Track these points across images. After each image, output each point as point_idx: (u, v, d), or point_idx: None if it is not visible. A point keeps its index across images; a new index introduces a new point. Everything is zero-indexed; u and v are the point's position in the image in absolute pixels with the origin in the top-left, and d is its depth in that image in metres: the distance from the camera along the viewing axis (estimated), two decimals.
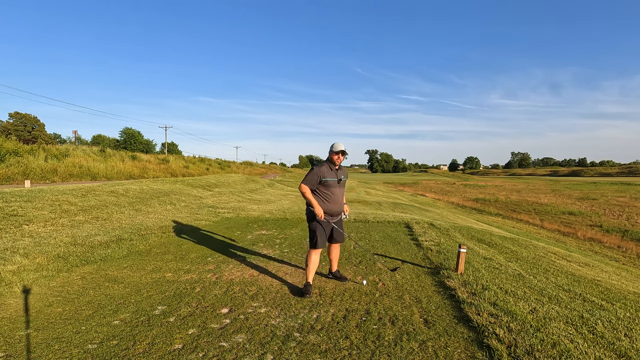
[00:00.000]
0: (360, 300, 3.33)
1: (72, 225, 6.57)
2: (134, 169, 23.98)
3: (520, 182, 62.46)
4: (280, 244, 5.75)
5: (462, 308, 3.10)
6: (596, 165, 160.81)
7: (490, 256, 5.35)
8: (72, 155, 21.12)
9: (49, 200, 7.87)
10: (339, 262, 4.68)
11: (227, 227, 7.27)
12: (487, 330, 2.64)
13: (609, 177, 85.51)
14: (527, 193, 39.34)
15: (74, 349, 2.41)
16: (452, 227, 8.16)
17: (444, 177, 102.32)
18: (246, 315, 2.97)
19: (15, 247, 4.85)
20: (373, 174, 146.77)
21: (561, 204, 28.88)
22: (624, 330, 2.87)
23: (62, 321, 2.84)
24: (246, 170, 53.59)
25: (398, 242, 5.99)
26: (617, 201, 29.76)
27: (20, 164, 15.96)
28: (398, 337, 2.60)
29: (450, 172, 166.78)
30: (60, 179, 17.13)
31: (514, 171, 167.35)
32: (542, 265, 5.52)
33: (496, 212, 26.90)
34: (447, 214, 17.82)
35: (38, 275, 3.96)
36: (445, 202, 33.50)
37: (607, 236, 17.34)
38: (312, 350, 2.41)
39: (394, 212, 12.25)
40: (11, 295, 3.39)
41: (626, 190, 38.45)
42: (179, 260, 4.73)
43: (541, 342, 2.47)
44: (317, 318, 2.92)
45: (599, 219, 22.06)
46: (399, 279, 3.96)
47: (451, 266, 4.31)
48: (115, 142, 50.42)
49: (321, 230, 3.52)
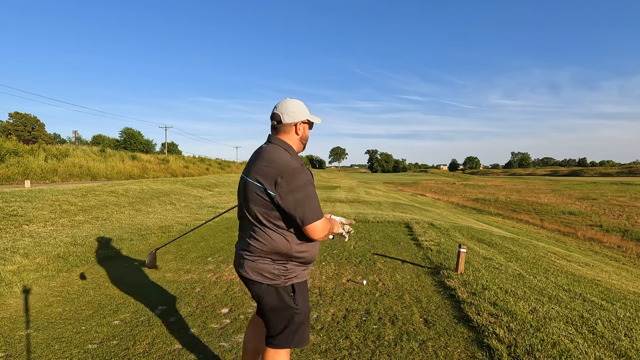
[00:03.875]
0: (360, 300, 3.33)
1: (72, 225, 6.57)
2: (134, 169, 23.97)
3: (520, 182, 62.46)
4: None
5: (462, 308, 3.10)
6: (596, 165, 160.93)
7: (490, 256, 5.35)
8: (72, 155, 21.11)
9: (49, 200, 7.87)
10: (339, 262, 4.67)
11: (227, 227, 7.27)
12: (487, 330, 2.64)
13: (609, 177, 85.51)
14: (527, 193, 39.34)
15: (74, 349, 2.41)
16: (452, 227, 8.17)
17: (444, 177, 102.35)
18: (246, 315, 2.97)
19: (15, 247, 4.85)
20: (373, 174, 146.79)
21: (561, 204, 28.87)
22: (624, 330, 2.87)
23: (62, 321, 2.84)
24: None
25: (398, 242, 5.99)
26: (617, 201, 29.75)
27: (20, 164, 15.96)
28: (398, 337, 2.60)
29: (450, 172, 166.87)
30: (60, 179, 17.12)
31: (514, 171, 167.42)
32: (542, 265, 5.52)
33: (496, 212, 26.89)
34: (447, 214, 17.82)
35: (38, 275, 3.95)
36: (445, 202, 33.49)
37: (607, 236, 17.33)
38: (312, 350, 2.41)
39: (394, 212, 12.25)
40: (11, 295, 3.39)
41: (626, 190, 38.44)
42: (179, 260, 4.73)
43: (541, 342, 2.47)
44: (317, 318, 2.93)
45: (599, 219, 22.05)
46: (399, 279, 3.96)
47: (451, 266, 4.31)
48: (115, 142, 50.43)
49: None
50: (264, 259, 1.53)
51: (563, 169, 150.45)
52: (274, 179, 1.44)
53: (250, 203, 1.51)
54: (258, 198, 1.49)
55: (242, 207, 1.60)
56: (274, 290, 1.55)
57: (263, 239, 1.52)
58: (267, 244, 1.51)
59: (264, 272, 1.54)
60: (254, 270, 1.54)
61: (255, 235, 1.53)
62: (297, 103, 1.62)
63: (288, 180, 1.43)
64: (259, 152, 1.57)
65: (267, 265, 1.53)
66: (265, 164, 1.49)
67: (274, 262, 1.54)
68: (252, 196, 1.50)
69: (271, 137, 1.61)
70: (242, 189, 1.59)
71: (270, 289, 1.55)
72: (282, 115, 1.58)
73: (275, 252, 1.52)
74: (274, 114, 1.60)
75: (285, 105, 1.59)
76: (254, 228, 1.54)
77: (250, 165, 1.56)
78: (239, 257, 1.62)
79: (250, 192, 1.51)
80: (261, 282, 1.54)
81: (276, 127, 1.60)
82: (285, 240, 1.52)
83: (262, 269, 1.54)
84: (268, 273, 1.54)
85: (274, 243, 1.51)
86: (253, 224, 1.53)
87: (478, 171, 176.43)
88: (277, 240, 1.50)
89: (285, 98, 1.63)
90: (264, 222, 1.50)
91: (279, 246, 1.51)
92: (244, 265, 1.57)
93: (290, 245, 1.53)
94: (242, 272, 1.58)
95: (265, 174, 1.46)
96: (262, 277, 1.54)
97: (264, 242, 1.51)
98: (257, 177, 1.48)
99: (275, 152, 1.53)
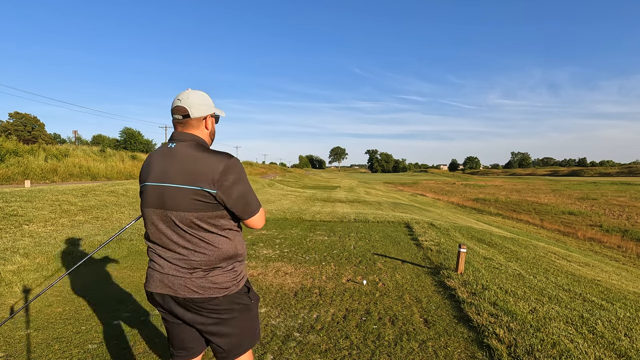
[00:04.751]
0: (360, 300, 3.33)
1: (72, 225, 6.57)
2: (134, 169, 23.98)
3: (520, 182, 62.47)
4: (280, 244, 5.75)
5: (462, 308, 3.10)
6: (596, 165, 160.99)
7: (490, 256, 5.36)
8: (72, 155, 21.13)
9: (49, 200, 7.87)
10: (339, 262, 4.67)
11: None
12: (487, 330, 2.64)
13: (609, 177, 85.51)
14: (527, 193, 39.34)
15: (74, 349, 2.41)
16: (452, 227, 8.17)
17: (444, 177, 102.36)
18: None
19: (15, 247, 4.85)
20: (373, 174, 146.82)
21: (561, 204, 28.88)
22: (624, 330, 2.87)
23: (62, 321, 2.84)
24: (246, 170, 53.33)
25: (398, 242, 5.99)
26: (617, 201, 29.76)
27: (20, 164, 15.96)
28: (398, 337, 2.60)
29: (450, 172, 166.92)
30: (60, 179, 17.13)
31: (514, 171, 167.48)
32: (542, 265, 5.52)
33: (496, 212, 26.90)
34: (447, 214, 17.82)
35: (38, 275, 3.95)
36: (445, 202, 33.50)
37: (607, 236, 17.33)
38: (312, 350, 2.41)
39: (394, 212, 12.25)
40: (11, 295, 3.39)
41: (626, 190, 38.44)
42: None
43: (541, 342, 2.47)
44: (317, 318, 2.93)
45: (599, 219, 22.05)
46: (399, 279, 3.97)
47: (451, 266, 4.31)
48: (115, 142, 50.46)
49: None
50: (214, 270, 1.35)
51: (563, 169, 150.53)
52: (211, 175, 1.28)
53: (182, 211, 1.30)
54: (194, 202, 1.29)
55: (164, 220, 1.34)
56: (229, 298, 1.38)
57: (206, 248, 1.33)
58: (213, 252, 1.34)
59: (216, 284, 1.35)
60: (203, 287, 1.33)
61: (195, 246, 1.33)
62: (204, 95, 1.44)
63: (225, 174, 1.29)
64: (173, 154, 1.35)
65: (219, 277, 1.35)
66: (191, 163, 1.30)
67: (224, 270, 1.37)
68: (184, 202, 1.30)
69: (179, 134, 1.39)
70: (161, 198, 1.33)
71: (225, 298, 1.37)
72: (190, 109, 1.39)
73: (223, 258, 1.36)
74: (179, 108, 1.38)
75: (192, 98, 1.40)
76: (191, 239, 1.32)
77: (165, 170, 1.34)
78: (172, 280, 1.35)
79: (180, 198, 1.30)
80: (214, 296, 1.34)
81: (181, 121, 1.40)
82: (229, 242, 1.38)
83: (213, 282, 1.34)
84: (222, 284, 1.36)
85: (220, 248, 1.35)
86: (189, 235, 1.32)
87: (478, 171, 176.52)
88: (222, 244, 1.36)
89: (187, 89, 1.44)
90: (206, 228, 1.32)
91: (226, 249, 1.36)
92: (186, 285, 1.33)
93: (235, 244, 1.40)
94: (183, 293, 1.33)
95: (197, 174, 1.28)
96: (216, 291, 1.35)
97: (209, 251, 1.33)
98: (188, 179, 1.29)
99: (194, 149, 1.35)
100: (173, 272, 1.35)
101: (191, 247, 1.33)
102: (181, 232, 1.33)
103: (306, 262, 4.67)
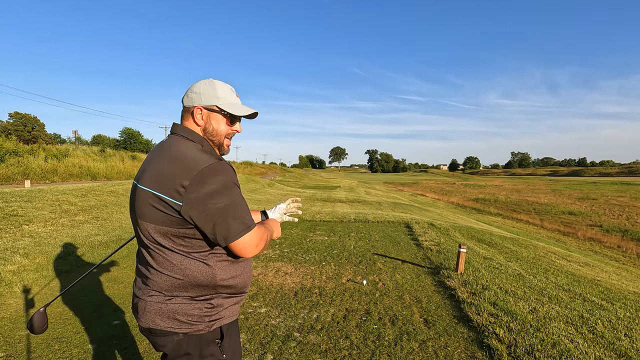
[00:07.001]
0: (360, 300, 3.33)
1: (72, 225, 6.57)
2: (134, 169, 23.97)
3: (520, 182, 62.45)
4: (280, 244, 5.75)
5: (462, 308, 3.10)
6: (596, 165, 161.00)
7: (490, 256, 5.36)
8: (72, 155, 21.13)
9: (49, 200, 7.87)
10: (339, 262, 4.68)
11: None
12: (487, 330, 2.64)
13: (609, 177, 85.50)
14: (527, 193, 39.34)
15: (74, 349, 2.41)
16: (452, 227, 8.17)
17: (444, 177, 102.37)
18: (246, 315, 2.97)
19: (15, 247, 4.85)
20: (373, 174, 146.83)
21: (561, 204, 28.87)
22: (624, 330, 2.87)
23: (62, 321, 2.84)
24: (246, 170, 53.59)
25: (398, 242, 5.99)
26: (617, 201, 29.75)
27: (20, 164, 15.96)
28: (398, 337, 2.60)
29: (450, 172, 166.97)
30: (60, 179, 17.13)
31: (514, 171, 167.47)
32: (542, 265, 5.52)
33: (496, 212, 26.89)
34: (447, 214, 17.81)
35: (38, 275, 3.95)
36: (445, 202, 33.49)
37: (607, 236, 17.33)
38: (312, 350, 2.41)
39: (394, 212, 12.25)
40: (11, 295, 3.39)
41: (626, 190, 38.43)
42: None
43: (541, 342, 2.47)
44: (317, 318, 2.93)
45: (599, 219, 22.05)
46: (399, 278, 3.97)
47: (451, 266, 4.31)
48: (115, 142, 50.45)
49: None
50: (177, 297, 1.06)
51: (563, 169, 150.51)
52: (178, 182, 0.98)
53: (145, 220, 1.04)
54: (155, 212, 1.02)
55: (137, 228, 1.09)
56: (194, 341, 1.07)
57: (171, 269, 1.04)
58: (179, 275, 1.04)
59: (178, 315, 1.05)
60: (161, 315, 1.06)
61: (159, 266, 1.05)
62: (208, 83, 1.14)
63: (199, 182, 0.98)
64: (160, 148, 1.11)
65: (184, 306, 1.06)
66: (165, 163, 1.03)
67: (193, 299, 1.07)
68: (146, 210, 1.03)
69: (173, 125, 1.16)
70: (133, 202, 1.10)
71: (188, 339, 1.07)
72: (184, 97, 1.16)
73: (193, 284, 1.05)
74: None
75: (195, 85, 1.15)
76: (154, 255, 1.06)
77: (145, 167, 1.09)
78: (136, 300, 1.12)
79: (143, 204, 1.04)
80: (174, 331, 1.06)
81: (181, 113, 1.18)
82: (205, 267, 1.06)
83: (174, 311, 1.05)
84: (185, 316, 1.06)
85: (188, 272, 1.04)
86: (152, 250, 1.06)
87: (478, 171, 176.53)
88: (192, 267, 1.05)
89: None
90: (169, 246, 1.04)
91: (196, 276, 1.05)
92: (145, 310, 1.08)
93: (213, 271, 1.07)
94: (143, 320, 1.08)
95: (163, 176, 1.00)
96: (176, 324, 1.06)
97: (174, 273, 1.04)
98: (152, 182, 1.02)
99: (177, 145, 1.08)
100: (137, 292, 1.13)
101: (155, 266, 1.06)
102: (146, 246, 1.08)
103: (306, 262, 4.67)
